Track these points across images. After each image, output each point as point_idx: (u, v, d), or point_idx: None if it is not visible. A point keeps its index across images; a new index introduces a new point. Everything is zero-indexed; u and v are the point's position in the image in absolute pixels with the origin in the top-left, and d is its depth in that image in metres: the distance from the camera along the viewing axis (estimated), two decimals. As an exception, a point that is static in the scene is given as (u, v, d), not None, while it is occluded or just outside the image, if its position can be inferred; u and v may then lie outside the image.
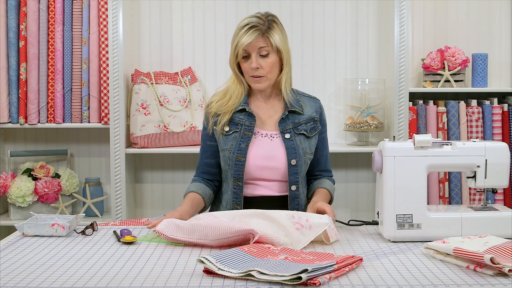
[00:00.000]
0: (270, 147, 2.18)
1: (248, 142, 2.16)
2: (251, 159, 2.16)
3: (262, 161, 2.16)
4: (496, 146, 1.95)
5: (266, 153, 2.17)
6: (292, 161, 2.16)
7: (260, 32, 2.12)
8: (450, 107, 3.11)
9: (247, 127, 2.18)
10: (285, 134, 2.18)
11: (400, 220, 1.90)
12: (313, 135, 2.23)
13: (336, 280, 1.53)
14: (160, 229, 1.87)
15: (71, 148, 3.33)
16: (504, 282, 1.49)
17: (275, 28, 2.14)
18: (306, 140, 2.20)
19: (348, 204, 3.34)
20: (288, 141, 2.17)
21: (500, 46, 3.30)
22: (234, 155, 2.15)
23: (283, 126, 2.19)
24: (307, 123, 2.22)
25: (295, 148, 2.17)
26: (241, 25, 2.15)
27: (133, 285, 1.51)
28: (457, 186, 3.11)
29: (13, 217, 3.14)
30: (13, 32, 3.10)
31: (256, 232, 1.76)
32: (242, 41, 2.11)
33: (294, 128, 2.19)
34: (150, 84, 3.08)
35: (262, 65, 2.13)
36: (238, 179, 2.18)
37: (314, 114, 2.24)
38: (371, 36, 3.27)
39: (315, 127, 2.24)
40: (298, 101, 2.23)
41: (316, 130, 2.23)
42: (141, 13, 3.28)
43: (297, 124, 2.20)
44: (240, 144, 2.16)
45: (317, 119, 2.24)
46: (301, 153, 2.18)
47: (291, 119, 2.20)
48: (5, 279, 1.55)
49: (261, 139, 2.19)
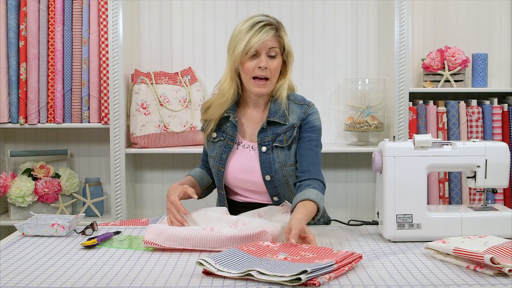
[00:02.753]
0: (248, 160, 2.08)
1: (229, 152, 2.09)
2: (230, 170, 2.09)
3: (240, 173, 2.09)
4: (496, 146, 1.95)
5: (244, 165, 2.08)
6: (267, 177, 2.05)
7: (274, 32, 2.02)
8: (450, 107, 3.11)
9: (230, 136, 2.10)
10: (262, 147, 2.06)
11: (400, 220, 1.90)
12: (288, 144, 2.05)
13: (336, 280, 1.53)
14: (150, 239, 1.81)
15: (71, 148, 3.33)
16: (504, 282, 1.49)
17: (284, 30, 2.06)
18: (283, 151, 2.05)
19: (348, 204, 3.34)
20: (263, 155, 2.05)
21: (500, 46, 3.30)
22: (216, 164, 2.11)
23: (262, 138, 2.06)
24: (286, 132, 2.06)
25: (270, 163, 2.05)
26: (253, 22, 2.02)
27: (133, 285, 1.51)
28: (457, 186, 3.11)
29: (13, 217, 3.14)
30: (13, 32, 3.10)
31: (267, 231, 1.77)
32: (258, 38, 1.99)
33: (273, 139, 2.06)
34: (150, 84, 3.08)
35: (269, 66, 2.02)
36: (220, 188, 2.15)
37: (295, 121, 2.07)
38: (371, 36, 3.27)
39: (292, 134, 2.06)
40: (284, 110, 2.07)
41: (291, 137, 2.05)
42: (141, 13, 3.28)
43: (277, 135, 2.06)
44: (222, 154, 2.10)
45: (297, 125, 2.06)
46: (277, 168, 2.04)
47: (272, 129, 2.06)
48: (5, 279, 1.55)
49: (242, 151, 2.10)
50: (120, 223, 2.21)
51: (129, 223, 2.21)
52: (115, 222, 2.23)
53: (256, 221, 1.99)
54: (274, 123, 2.07)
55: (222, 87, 2.09)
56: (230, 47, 2.07)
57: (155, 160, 3.33)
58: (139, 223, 2.20)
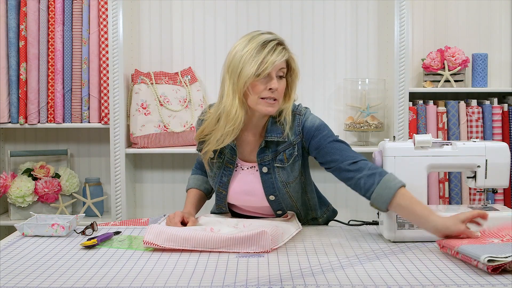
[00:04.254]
0: (250, 182, 2.03)
1: (230, 176, 2.03)
2: (232, 192, 2.06)
3: (243, 196, 2.05)
4: (496, 146, 1.95)
5: (246, 188, 2.04)
6: (271, 197, 2.02)
7: (285, 51, 1.93)
8: (450, 107, 3.11)
9: (229, 159, 2.02)
10: (263, 167, 1.99)
11: (400, 220, 1.90)
12: (290, 162, 1.99)
13: (336, 280, 1.53)
14: (150, 239, 1.81)
15: (71, 148, 3.33)
16: (504, 282, 1.49)
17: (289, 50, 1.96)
18: (285, 170, 1.99)
19: (348, 204, 3.34)
20: (265, 175, 2.00)
21: (500, 46, 3.30)
22: (217, 186, 2.06)
23: (261, 158, 1.99)
24: (286, 150, 1.98)
25: (273, 183, 2.00)
26: (261, 40, 1.91)
27: (133, 285, 1.51)
28: (457, 186, 3.11)
29: (13, 217, 3.14)
30: (13, 32, 3.10)
31: (266, 231, 1.78)
32: (273, 58, 1.88)
33: (273, 158, 1.99)
34: (150, 84, 3.08)
35: (278, 88, 1.92)
36: (222, 207, 2.12)
37: (293, 137, 1.98)
38: (371, 36, 3.28)
39: (292, 152, 1.98)
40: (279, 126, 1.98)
41: (293, 155, 1.98)
42: (141, 13, 3.28)
43: (277, 153, 1.98)
44: (222, 177, 2.04)
45: (296, 141, 1.98)
46: (281, 186, 2.00)
47: (271, 148, 1.99)
48: (5, 279, 1.55)
49: (242, 173, 2.04)
50: (120, 223, 2.22)
51: (129, 223, 2.21)
52: (115, 222, 2.23)
53: (256, 222, 2.00)
54: (272, 142, 1.99)
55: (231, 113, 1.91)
56: (233, 70, 1.91)
57: (155, 160, 3.34)
58: (139, 223, 2.20)
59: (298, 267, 1.64)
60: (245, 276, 1.57)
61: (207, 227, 1.94)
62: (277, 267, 1.64)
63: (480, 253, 1.56)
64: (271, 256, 1.75)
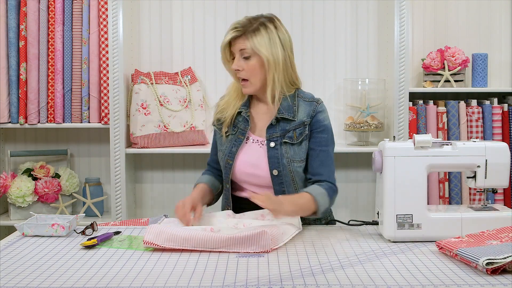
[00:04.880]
0: (257, 155, 2.11)
1: (239, 146, 2.12)
2: (238, 164, 2.12)
3: (248, 167, 2.11)
4: (496, 146, 1.95)
5: (252, 160, 2.11)
6: (274, 171, 2.07)
7: (239, 33, 2.06)
8: (450, 107, 3.11)
9: (241, 131, 2.13)
10: (271, 143, 2.08)
11: (400, 220, 1.90)
12: (299, 141, 2.08)
13: (336, 280, 1.53)
14: (150, 239, 1.81)
15: (71, 148, 3.33)
16: (504, 282, 1.49)
17: (259, 31, 2.05)
18: (292, 148, 2.08)
19: (348, 204, 3.34)
20: (272, 150, 2.08)
21: (500, 46, 3.30)
22: (225, 157, 2.14)
23: (270, 134, 2.09)
24: (296, 129, 2.09)
25: (278, 158, 2.07)
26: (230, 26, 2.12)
27: (133, 285, 1.51)
28: (457, 186, 3.11)
29: (13, 217, 3.14)
30: (13, 32, 3.10)
31: (266, 231, 1.78)
32: (223, 40, 2.10)
33: (282, 135, 2.09)
34: (150, 84, 3.08)
35: (244, 67, 2.07)
36: (226, 181, 2.17)
37: (305, 118, 2.09)
38: (371, 36, 3.28)
39: (303, 132, 2.09)
40: (292, 107, 2.11)
41: (303, 135, 2.09)
42: (141, 13, 3.28)
43: (286, 132, 2.09)
44: (232, 148, 2.13)
45: (307, 122, 2.09)
46: (285, 163, 2.06)
47: (281, 126, 2.09)
48: (5, 279, 1.55)
49: (251, 145, 2.13)
50: (120, 223, 2.21)
51: (129, 223, 2.21)
52: (115, 222, 2.23)
53: (256, 223, 2.00)
54: (283, 119, 2.09)
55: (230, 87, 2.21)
56: None
57: (155, 160, 3.34)
58: (139, 223, 2.20)
59: (298, 267, 1.64)
60: (245, 276, 1.57)
61: (207, 227, 1.94)
62: (277, 267, 1.64)
63: (479, 255, 1.56)
64: (271, 256, 1.75)
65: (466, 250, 1.63)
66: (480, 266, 1.55)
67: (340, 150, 3.14)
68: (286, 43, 2.10)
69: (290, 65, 2.13)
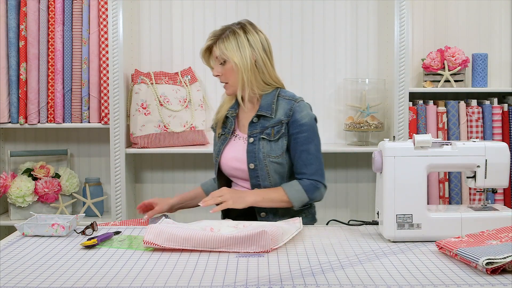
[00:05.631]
0: (240, 149, 2.26)
1: (225, 144, 2.30)
2: (224, 158, 2.29)
3: (232, 161, 2.27)
4: (496, 146, 1.95)
5: (235, 154, 2.26)
6: (251, 165, 2.22)
7: (212, 42, 2.26)
8: (450, 107, 3.11)
9: (229, 130, 2.31)
10: (250, 138, 2.24)
11: (400, 220, 1.90)
12: (277, 138, 2.21)
13: (336, 280, 1.53)
14: (150, 239, 1.82)
15: (71, 148, 3.33)
16: (504, 282, 1.49)
17: (228, 38, 2.22)
18: (269, 144, 2.21)
19: (348, 204, 3.34)
20: (250, 145, 2.23)
21: (500, 46, 3.30)
22: (215, 155, 2.33)
23: (251, 130, 2.25)
24: (274, 126, 2.22)
25: (255, 153, 2.21)
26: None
27: (133, 285, 1.51)
28: (457, 186, 3.11)
29: (13, 217, 3.14)
30: (13, 32, 3.10)
31: (266, 231, 1.78)
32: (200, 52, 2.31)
33: (261, 132, 2.23)
34: (150, 84, 3.08)
35: (222, 72, 2.24)
36: (217, 178, 2.35)
37: (282, 117, 2.22)
38: (371, 36, 3.28)
39: (280, 130, 2.21)
40: (271, 105, 2.23)
41: (280, 133, 2.21)
42: (141, 13, 3.28)
43: (265, 128, 2.23)
44: (220, 146, 2.32)
45: (285, 121, 2.21)
46: (261, 157, 2.20)
47: (261, 123, 2.24)
48: (5, 279, 1.55)
49: (237, 141, 2.30)
50: (120, 223, 2.22)
51: (129, 223, 2.21)
52: (115, 222, 2.23)
53: (256, 223, 2.00)
54: (263, 117, 2.24)
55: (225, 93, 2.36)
56: None
57: (155, 160, 3.33)
58: (139, 223, 2.20)
59: (298, 267, 1.64)
60: (245, 276, 1.57)
61: (207, 227, 1.94)
62: (277, 267, 1.64)
63: (479, 255, 1.56)
64: (271, 256, 1.75)
65: (466, 250, 1.63)
66: (480, 266, 1.55)
67: (340, 150, 3.15)
68: (257, 44, 2.23)
69: (264, 65, 2.24)
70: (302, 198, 2.18)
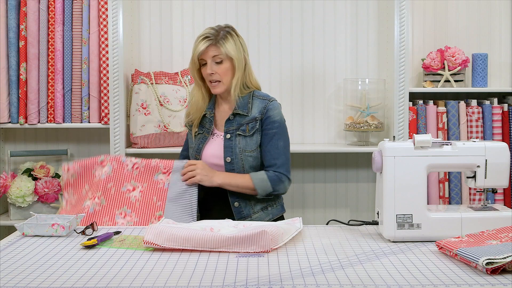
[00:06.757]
0: (217, 146, 2.40)
1: (205, 143, 2.43)
2: (204, 156, 2.42)
3: (211, 158, 2.40)
4: (496, 146, 1.95)
5: (213, 151, 2.40)
6: (227, 159, 2.37)
7: (212, 42, 2.33)
8: (450, 107, 3.11)
9: (207, 129, 2.44)
10: (227, 134, 2.38)
11: (400, 220, 1.90)
12: (251, 134, 2.36)
13: (336, 280, 1.53)
14: (150, 239, 1.82)
15: (71, 148, 3.33)
16: (504, 282, 1.49)
17: (227, 39, 2.35)
18: (244, 139, 2.36)
19: (348, 204, 3.34)
20: (227, 141, 2.38)
21: (500, 46, 3.30)
22: (194, 153, 2.45)
23: (227, 127, 2.39)
24: (249, 123, 2.37)
25: (232, 147, 2.36)
26: (198, 36, 2.37)
27: (133, 285, 1.51)
28: (457, 186, 3.11)
29: (13, 217, 3.14)
30: (13, 32, 3.10)
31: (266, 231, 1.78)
32: (197, 50, 2.34)
33: (237, 128, 2.38)
34: (150, 84, 3.08)
35: (217, 71, 2.35)
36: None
37: (257, 114, 2.37)
38: (371, 36, 3.28)
39: (255, 126, 2.36)
40: (247, 104, 2.38)
41: (254, 129, 2.36)
42: (141, 13, 3.28)
43: (241, 125, 2.38)
44: (199, 145, 2.44)
45: (259, 118, 2.36)
46: (238, 152, 2.36)
47: (237, 120, 2.38)
48: (5, 279, 1.55)
49: (215, 139, 2.42)
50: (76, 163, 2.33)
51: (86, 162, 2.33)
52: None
53: (256, 223, 2.01)
54: (238, 115, 2.38)
55: (192, 93, 2.47)
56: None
57: (155, 160, 3.33)
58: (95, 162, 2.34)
59: (298, 267, 1.64)
60: (245, 276, 1.57)
61: (207, 227, 1.95)
62: (277, 267, 1.64)
63: (479, 255, 1.56)
64: (271, 256, 1.75)
65: (466, 250, 1.63)
66: (480, 266, 1.55)
67: (340, 150, 3.15)
68: (245, 47, 2.41)
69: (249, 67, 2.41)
70: (266, 188, 2.33)
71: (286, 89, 3.29)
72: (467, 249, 1.63)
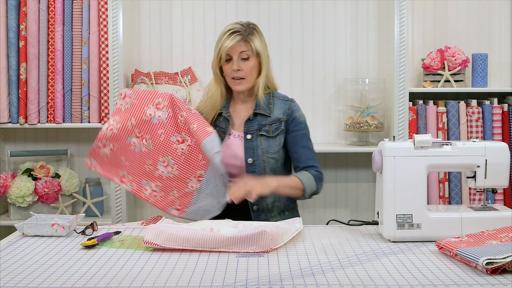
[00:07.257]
0: (235, 147, 2.32)
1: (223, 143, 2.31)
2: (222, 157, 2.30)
3: (228, 159, 2.30)
4: (496, 146, 1.95)
5: (231, 152, 2.32)
6: (249, 160, 2.30)
7: (241, 37, 2.27)
8: (450, 107, 3.11)
9: (222, 129, 2.35)
10: (247, 135, 2.31)
11: (400, 220, 1.90)
12: (275, 135, 2.32)
13: (336, 280, 1.53)
14: (150, 239, 1.82)
15: (71, 148, 3.33)
16: (504, 282, 1.49)
17: (255, 35, 2.30)
18: (267, 140, 2.31)
19: (348, 204, 3.34)
20: (248, 141, 2.31)
21: (500, 46, 3.30)
22: None
23: (248, 127, 2.33)
24: (272, 124, 2.32)
25: (253, 148, 2.30)
26: (224, 31, 2.30)
27: (133, 285, 1.51)
28: (457, 186, 3.11)
29: (13, 217, 3.14)
30: (13, 32, 3.10)
31: (266, 231, 1.78)
32: (225, 45, 2.26)
33: (258, 129, 2.32)
34: (150, 84, 3.08)
35: (243, 68, 2.28)
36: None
37: (281, 115, 2.33)
38: (371, 36, 3.28)
39: (279, 127, 2.32)
40: (269, 104, 2.34)
41: (279, 130, 2.32)
42: (141, 13, 3.28)
43: (263, 126, 2.32)
44: None
45: (284, 119, 2.33)
46: (260, 153, 2.30)
47: (258, 120, 2.33)
48: (5, 279, 1.55)
49: (232, 140, 2.34)
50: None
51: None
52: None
53: (256, 223, 2.01)
54: (260, 115, 2.33)
55: (210, 89, 2.40)
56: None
57: (155, 160, 3.33)
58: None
59: (298, 267, 1.64)
60: (245, 276, 1.57)
61: (207, 227, 1.95)
62: (277, 267, 1.64)
63: (479, 255, 1.56)
64: (271, 256, 1.75)
65: (466, 250, 1.63)
66: (480, 266, 1.55)
67: (340, 150, 3.15)
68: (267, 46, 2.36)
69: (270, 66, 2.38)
70: (312, 187, 2.28)
71: (286, 89, 3.29)
72: (467, 249, 1.63)
